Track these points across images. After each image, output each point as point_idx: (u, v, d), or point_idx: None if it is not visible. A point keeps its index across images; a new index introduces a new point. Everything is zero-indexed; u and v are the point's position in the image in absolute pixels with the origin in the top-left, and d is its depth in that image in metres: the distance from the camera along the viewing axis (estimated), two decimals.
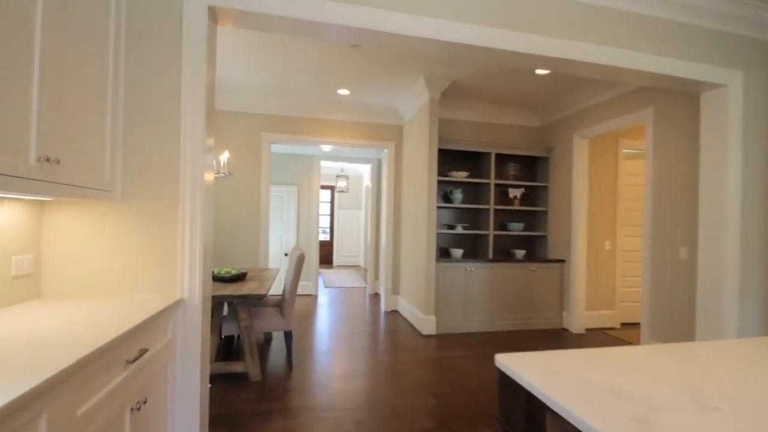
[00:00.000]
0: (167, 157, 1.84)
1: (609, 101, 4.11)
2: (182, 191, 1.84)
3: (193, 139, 1.85)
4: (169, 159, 1.84)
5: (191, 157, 1.85)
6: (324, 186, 10.19)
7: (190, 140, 1.85)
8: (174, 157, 1.85)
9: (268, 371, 3.08)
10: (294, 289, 3.17)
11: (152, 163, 1.83)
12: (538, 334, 4.42)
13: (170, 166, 1.84)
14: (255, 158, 4.99)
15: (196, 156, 1.86)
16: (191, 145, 1.85)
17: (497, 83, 4.22)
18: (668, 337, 3.45)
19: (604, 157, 4.75)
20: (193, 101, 1.85)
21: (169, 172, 1.84)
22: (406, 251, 5.09)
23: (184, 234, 1.84)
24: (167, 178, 1.84)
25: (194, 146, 1.85)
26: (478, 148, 4.73)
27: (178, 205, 1.85)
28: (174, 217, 1.85)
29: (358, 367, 3.23)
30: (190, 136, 1.85)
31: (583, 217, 4.52)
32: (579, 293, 4.52)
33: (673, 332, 3.41)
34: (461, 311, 4.43)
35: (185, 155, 1.84)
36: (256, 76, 4.21)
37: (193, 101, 1.85)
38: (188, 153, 1.85)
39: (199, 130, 1.86)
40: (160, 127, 1.84)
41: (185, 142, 1.84)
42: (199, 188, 1.86)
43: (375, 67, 3.89)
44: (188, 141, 1.85)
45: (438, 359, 3.47)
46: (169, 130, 1.84)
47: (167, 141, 1.84)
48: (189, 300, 1.85)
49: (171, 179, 1.84)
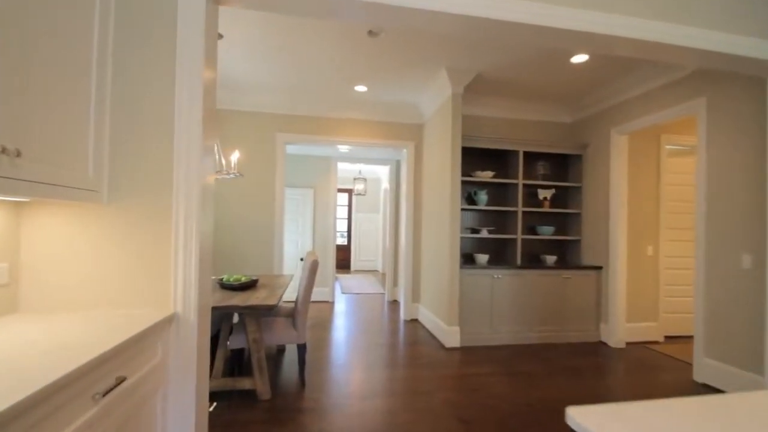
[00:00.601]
0: (159, 156, 1.62)
1: (653, 92, 3.72)
2: (175, 195, 1.62)
3: (188, 138, 1.63)
4: (161, 159, 1.62)
5: (186, 158, 1.63)
6: (342, 189, 10.01)
7: (184, 139, 1.62)
8: (167, 157, 1.63)
9: (279, 388, 2.83)
10: (307, 298, 2.93)
11: (143, 162, 1.62)
12: (573, 349, 4.04)
13: (162, 166, 1.63)
14: (269, 159, 4.81)
15: (192, 157, 1.63)
16: (186, 144, 1.63)
17: (526, 75, 3.89)
18: (728, 357, 3.03)
19: (644, 155, 4.34)
20: (189, 94, 1.63)
21: (161, 174, 1.62)
22: (427, 256, 4.79)
23: (178, 241, 1.62)
24: (159, 180, 1.62)
25: (189, 145, 1.63)
26: (505, 145, 4.39)
27: (171, 209, 1.62)
28: (167, 222, 1.62)
29: (376, 384, 2.95)
30: (185, 134, 1.63)
31: (622, 220, 4.12)
32: (619, 303, 4.12)
33: (734, 352, 2.99)
34: (487, 322, 4.09)
35: (179, 155, 1.62)
36: (270, 74, 4.02)
37: (188, 94, 1.63)
38: (182, 153, 1.62)
39: (195, 128, 1.63)
40: (151, 122, 1.62)
41: (179, 140, 1.62)
42: (196, 192, 1.63)
43: (393, 60, 3.63)
44: (182, 140, 1.62)
45: (463, 377, 3.16)
46: (161, 126, 1.63)
47: (159, 139, 1.63)
48: (183, 315, 1.62)
49: (163, 181, 1.62)
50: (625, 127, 4.04)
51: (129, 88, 1.61)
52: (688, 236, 4.58)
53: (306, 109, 4.83)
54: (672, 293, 4.54)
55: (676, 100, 3.49)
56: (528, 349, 3.98)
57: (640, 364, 3.63)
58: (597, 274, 4.32)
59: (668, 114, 3.57)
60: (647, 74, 3.67)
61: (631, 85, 3.87)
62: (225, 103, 4.66)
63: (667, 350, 4.08)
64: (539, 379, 3.16)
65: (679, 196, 4.57)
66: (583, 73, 3.79)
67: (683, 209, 4.57)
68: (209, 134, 1.74)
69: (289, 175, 6.18)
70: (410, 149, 5.12)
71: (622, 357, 3.82)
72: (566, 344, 4.18)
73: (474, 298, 4.06)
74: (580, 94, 4.38)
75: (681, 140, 4.46)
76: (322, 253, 6.24)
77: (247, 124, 4.76)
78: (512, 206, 4.48)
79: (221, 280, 3.04)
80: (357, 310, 5.67)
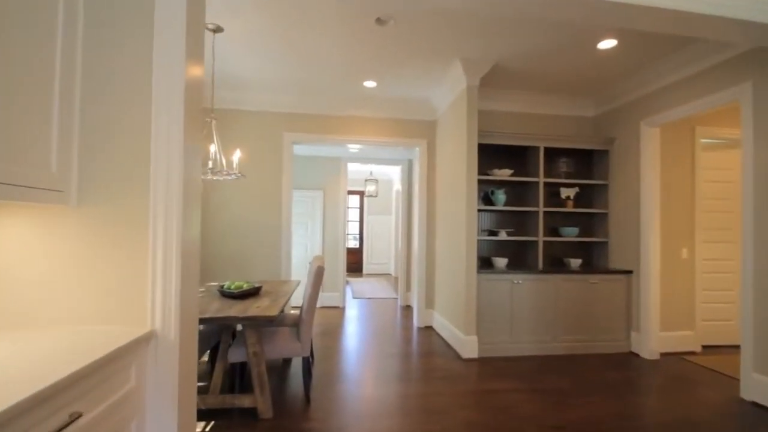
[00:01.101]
0: (135, 156, 1.42)
1: (688, 79, 3.39)
2: (153, 197, 1.41)
3: (167, 137, 1.42)
4: (138, 159, 1.42)
5: (166, 158, 1.42)
6: (353, 191, 9.82)
7: (163, 137, 1.42)
8: (144, 156, 1.42)
9: (282, 405, 2.61)
10: (312, 307, 2.70)
11: (117, 161, 1.41)
12: (602, 360, 3.71)
13: (138, 167, 1.42)
14: (276, 160, 4.62)
15: (173, 157, 1.42)
16: (165, 143, 1.42)
17: (547, 64, 3.60)
18: None
19: (676, 149, 4.00)
20: (168, 89, 1.42)
21: (137, 175, 1.42)
22: (442, 260, 4.53)
23: (156, 248, 1.40)
24: (135, 181, 1.42)
25: (169, 145, 1.42)
26: (524, 141, 4.11)
27: (149, 213, 1.41)
28: (144, 227, 1.42)
29: (387, 402, 2.70)
30: (164, 133, 1.42)
31: (654, 220, 3.79)
32: (652, 310, 3.78)
33: None
34: (507, 331, 3.80)
35: (157, 155, 1.41)
36: (274, 70, 3.83)
37: (167, 89, 1.42)
38: (161, 153, 1.42)
39: (175, 127, 1.42)
40: (126, 118, 1.42)
41: (157, 139, 1.42)
42: (176, 194, 1.42)
43: (403, 51, 3.39)
44: (161, 138, 1.42)
45: (483, 393, 2.88)
46: (137, 123, 1.42)
47: (134, 137, 1.42)
48: (163, 332, 1.41)
49: (140, 183, 1.42)
50: (656, 119, 3.71)
51: (101, 79, 1.41)
52: (726, 237, 4.21)
53: (313, 107, 4.64)
54: (709, 299, 4.17)
55: (715, 86, 3.16)
56: (552, 360, 3.67)
57: (678, 378, 3.30)
58: (627, 279, 3.99)
59: (706, 102, 3.24)
60: (682, 60, 3.34)
61: (663, 72, 3.55)
62: (229, 103, 4.50)
63: (706, 362, 3.72)
64: (569, 396, 2.87)
65: (716, 194, 4.21)
66: (610, 60, 3.49)
67: (720, 207, 4.21)
68: (193, 133, 1.53)
69: (298, 176, 6.00)
70: (422, 147, 4.87)
71: (658, 370, 3.49)
72: (594, 355, 3.86)
73: (492, 305, 3.78)
74: (606, 84, 4.07)
75: (717, 133, 4.10)
76: (333, 256, 6.03)
77: (253, 124, 4.59)
78: (533, 206, 4.18)
79: (222, 287, 2.84)
80: (368, 316, 5.43)
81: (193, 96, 1.52)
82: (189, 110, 1.48)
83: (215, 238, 4.49)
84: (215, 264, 4.49)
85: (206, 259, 4.48)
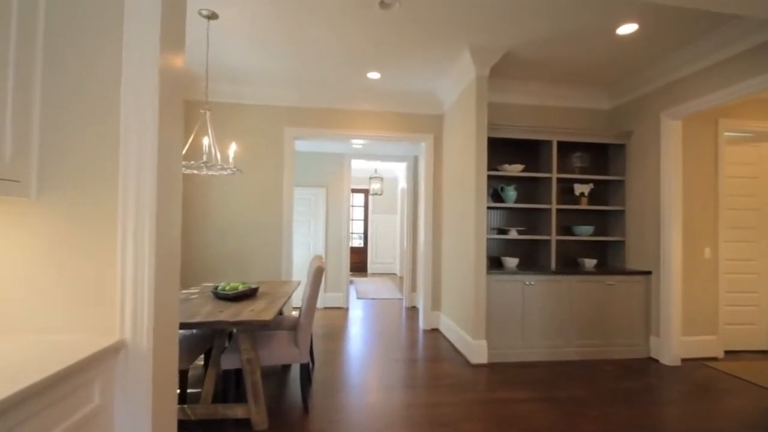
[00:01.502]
0: (103, 144, 1.25)
1: (714, 67, 3.15)
2: (122, 193, 1.24)
3: (140, 125, 1.25)
4: (105, 148, 1.25)
5: (137, 148, 1.25)
6: (358, 189, 9.65)
7: (134, 126, 1.25)
8: (112, 146, 1.25)
9: (278, 415, 2.44)
10: (310, 310, 2.53)
11: (81, 151, 1.25)
12: (619, 367, 3.50)
13: (106, 157, 1.26)
14: (277, 156, 4.46)
15: (145, 146, 1.26)
16: (137, 132, 1.25)
17: (562, 52, 3.39)
18: None
19: (698, 143, 3.77)
20: (141, 58, 1.25)
21: (105, 167, 1.25)
22: (449, 260, 4.33)
23: (126, 248, 1.24)
24: (103, 173, 1.25)
25: (142, 134, 1.25)
26: (536, 135, 3.90)
27: (117, 209, 1.25)
28: (112, 225, 1.25)
29: (391, 412, 2.52)
30: (135, 119, 1.25)
31: (676, 218, 3.56)
32: (674, 314, 3.56)
33: None
34: (518, 335, 3.60)
35: (128, 144, 1.25)
36: (274, 62, 3.66)
37: (139, 65, 1.26)
38: (132, 142, 1.25)
39: (149, 112, 1.26)
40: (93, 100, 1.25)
41: (128, 126, 1.25)
42: (149, 189, 1.26)
43: (409, 39, 3.20)
44: (132, 126, 1.25)
45: (494, 403, 2.69)
46: (106, 106, 1.26)
47: (103, 122, 1.26)
48: (134, 342, 1.24)
49: (108, 176, 1.25)
50: (677, 111, 3.48)
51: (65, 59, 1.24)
52: (751, 236, 3.97)
53: (315, 101, 4.46)
54: (733, 301, 3.93)
55: (744, 74, 2.93)
56: (567, 367, 3.47)
57: (703, 386, 3.08)
58: (645, 280, 3.77)
59: (734, 92, 3.01)
60: (707, 46, 3.11)
61: (686, 60, 3.32)
62: (227, 96, 4.34)
63: (730, 368, 3.49)
64: (587, 406, 2.67)
65: (740, 190, 3.97)
66: (630, 46, 3.26)
67: (745, 205, 3.97)
68: (171, 123, 1.36)
69: (300, 173, 5.83)
70: (428, 142, 4.68)
71: (680, 377, 3.27)
72: (611, 361, 3.64)
73: (503, 308, 3.58)
74: (624, 73, 3.84)
75: (742, 125, 3.86)
76: (336, 256, 5.86)
77: (253, 119, 4.42)
78: (545, 203, 3.97)
79: (216, 288, 2.68)
80: (372, 317, 5.26)
81: (170, 80, 1.35)
82: (165, 97, 1.31)
83: (214, 237, 4.34)
84: (214, 263, 4.34)
85: (205, 258, 4.33)
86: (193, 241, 4.31)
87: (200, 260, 4.32)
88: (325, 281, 5.85)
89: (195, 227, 4.32)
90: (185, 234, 4.29)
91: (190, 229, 4.30)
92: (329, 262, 5.86)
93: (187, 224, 4.30)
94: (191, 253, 4.30)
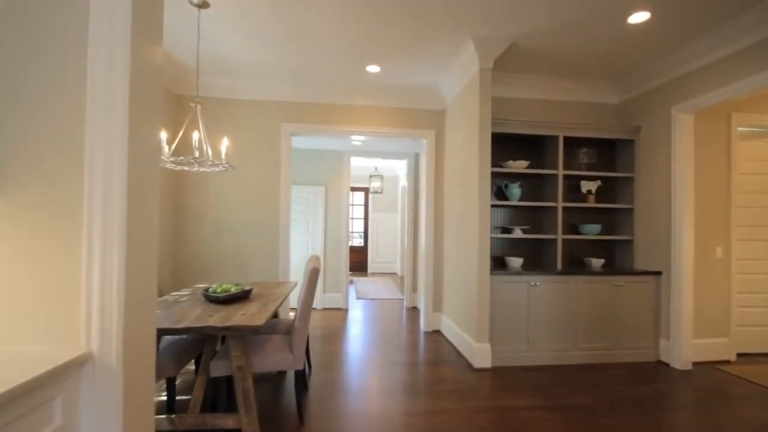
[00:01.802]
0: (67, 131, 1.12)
1: (729, 57, 3.00)
2: (89, 187, 1.11)
3: (107, 111, 1.12)
4: (69, 144, 1.12)
5: (104, 137, 1.12)
6: (358, 188, 9.52)
7: (102, 112, 1.12)
8: (77, 134, 1.12)
9: (271, 424, 2.31)
10: (305, 314, 2.40)
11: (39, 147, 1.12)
12: (628, 370, 3.37)
13: (70, 147, 1.12)
14: (273, 153, 4.32)
15: (113, 134, 1.12)
16: (105, 119, 1.12)
17: (570, 42, 3.25)
18: None
19: (709, 138, 3.62)
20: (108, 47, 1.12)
21: (70, 157, 1.12)
22: (451, 260, 4.20)
23: (93, 250, 1.11)
24: (67, 164, 1.12)
25: (110, 121, 1.12)
26: (542, 130, 3.75)
27: (83, 205, 1.12)
28: (77, 224, 1.12)
29: (391, 421, 2.39)
30: (103, 107, 1.12)
31: (688, 216, 3.42)
32: (685, 316, 3.42)
33: None
34: (523, 338, 3.47)
35: (94, 133, 1.12)
36: (269, 54, 3.52)
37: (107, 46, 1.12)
38: (99, 130, 1.12)
39: (119, 106, 1.13)
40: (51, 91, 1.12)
41: (94, 119, 1.12)
42: (118, 184, 1.12)
43: (410, 30, 3.06)
44: (99, 112, 1.12)
45: (498, 411, 2.56)
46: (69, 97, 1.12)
47: (66, 109, 1.12)
48: (102, 355, 1.11)
49: (72, 167, 1.12)
50: (690, 104, 3.34)
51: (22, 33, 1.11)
52: (765, 235, 3.83)
53: (313, 96, 4.33)
54: (746, 302, 3.79)
55: (761, 64, 2.78)
56: (574, 371, 3.34)
57: (716, 391, 2.95)
58: (655, 281, 3.63)
59: (749, 84, 2.86)
60: (723, 35, 2.96)
61: (701, 50, 3.17)
62: (222, 91, 4.20)
63: (743, 372, 3.36)
64: (595, 414, 2.53)
65: (753, 188, 3.83)
66: (641, 36, 3.12)
67: (759, 202, 3.83)
68: (144, 112, 1.23)
69: (298, 171, 5.70)
70: (430, 139, 4.54)
71: (692, 382, 3.13)
72: (619, 365, 3.51)
73: (507, 309, 3.45)
74: (634, 66, 3.69)
75: (756, 120, 3.72)
76: (335, 255, 5.73)
77: (248, 114, 4.29)
78: (550, 201, 3.84)
79: (207, 290, 2.55)
80: (372, 318, 5.13)
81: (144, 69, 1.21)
82: (138, 84, 1.18)
83: (209, 236, 4.22)
84: (210, 263, 4.21)
85: (200, 258, 4.20)
86: (188, 241, 4.18)
87: (195, 260, 4.19)
88: (324, 281, 5.72)
89: (190, 226, 4.19)
90: (179, 233, 4.17)
91: (184, 229, 4.18)
92: (328, 262, 5.73)
93: (182, 223, 4.17)
94: (185, 253, 4.17)
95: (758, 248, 3.81)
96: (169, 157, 2.53)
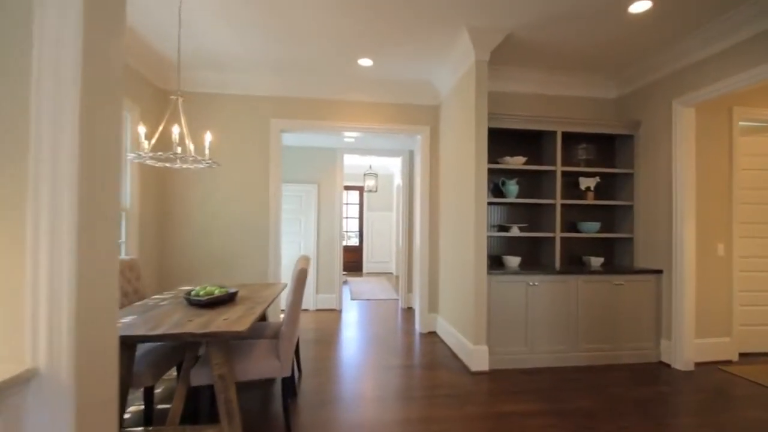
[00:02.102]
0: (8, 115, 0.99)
1: (731, 49, 2.90)
2: (33, 179, 0.98)
3: (57, 91, 0.99)
4: (11, 120, 0.99)
5: (51, 120, 0.98)
6: (352, 186, 9.40)
7: (50, 93, 0.98)
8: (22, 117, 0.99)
9: None
10: (293, 318, 2.27)
11: None
12: (629, 372, 3.27)
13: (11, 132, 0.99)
14: (263, 150, 4.18)
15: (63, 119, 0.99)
16: (53, 100, 0.98)
17: (568, 34, 3.14)
18: None
19: (711, 133, 3.53)
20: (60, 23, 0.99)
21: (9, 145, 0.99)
22: (447, 259, 4.08)
23: (38, 251, 0.97)
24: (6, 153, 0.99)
25: (59, 102, 0.99)
26: (540, 125, 3.65)
27: (27, 199, 0.98)
28: (20, 220, 0.98)
29: (384, 430, 2.27)
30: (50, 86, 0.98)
31: (690, 213, 3.33)
32: (687, 315, 3.33)
33: None
34: (521, 339, 3.36)
35: (41, 115, 0.98)
36: (257, 47, 3.38)
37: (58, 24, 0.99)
38: (46, 113, 0.98)
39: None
40: None
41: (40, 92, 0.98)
42: (68, 177, 0.99)
43: (403, 21, 2.94)
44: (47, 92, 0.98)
45: (498, 417, 2.44)
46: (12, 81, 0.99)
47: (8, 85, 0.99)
48: (50, 371, 0.97)
49: (13, 156, 0.99)
50: (691, 98, 3.24)
51: None
52: (766, 232, 3.74)
53: (303, 90, 4.19)
54: (748, 301, 3.71)
55: (764, 56, 2.69)
56: (574, 373, 3.23)
57: (720, 393, 2.86)
58: (656, 279, 3.53)
59: (753, 75, 2.77)
60: (726, 26, 2.86)
61: (703, 41, 3.07)
62: (206, 86, 4.05)
63: (746, 372, 3.27)
64: (596, 419, 2.43)
65: (756, 184, 3.75)
66: (642, 27, 3.01)
67: (761, 199, 3.75)
68: (100, 96, 1.09)
69: (290, 169, 5.56)
70: (425, 135, 4.42)
71: (694, 383, 3.04)
72: (620, 366, 3.41)
73: (504, 310, 3.34)
74: (634, 58, 3.59)
75: (759, 114, 3.63)
76: (328, 255, 5.60)
77: (236, 109, 4.15)
78: (548, 198, 3.73)
79: (189, 293, 2.41)
80: (367, 320, 5.00)
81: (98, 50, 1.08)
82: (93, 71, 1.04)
83: (196, 236, 4.07)
84: (196, 264, 4.07)
85: (186, 259, 4.05)
86: (173, 242, 4.03)
87: (180, 261, 4.05)
88: (318, 282, 5.59)
89: (175, 227, 4.04)
90: (164, 234, 4.02)
91: (169, 228, 4.03)
92: (321, 262, 5.60)
93: (167, 223, 4.02)
94: (170, 253, 4.03)
95: (761, 245, 3.73)
96: (148, 152, 2.39)
